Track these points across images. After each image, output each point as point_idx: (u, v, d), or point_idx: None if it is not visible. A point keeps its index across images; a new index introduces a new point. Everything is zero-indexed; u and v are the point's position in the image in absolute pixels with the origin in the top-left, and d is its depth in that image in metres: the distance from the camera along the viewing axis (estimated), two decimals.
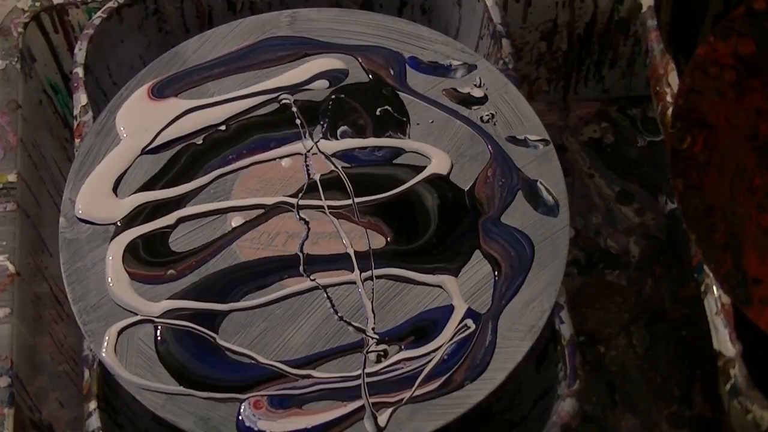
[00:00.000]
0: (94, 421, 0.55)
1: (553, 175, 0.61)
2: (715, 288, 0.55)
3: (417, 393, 0.55)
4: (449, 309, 0.57)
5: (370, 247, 0.59)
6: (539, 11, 0.77)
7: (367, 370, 0.56)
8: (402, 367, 0.56)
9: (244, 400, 0.54)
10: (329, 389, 0.55)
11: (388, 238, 0.60)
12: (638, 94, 0.84)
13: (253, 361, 0.56)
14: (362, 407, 0.55)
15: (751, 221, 0.56)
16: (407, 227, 0.60)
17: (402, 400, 0.55)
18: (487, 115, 0.63)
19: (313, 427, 0.54)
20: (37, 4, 0.70)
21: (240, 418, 0.54)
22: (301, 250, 0.59)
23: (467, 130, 0.63)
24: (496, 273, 0.58)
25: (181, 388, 0.54)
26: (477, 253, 0.59)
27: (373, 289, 0.58)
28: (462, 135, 0.62)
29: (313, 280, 0.58)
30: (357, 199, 0.61)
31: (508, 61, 0.66)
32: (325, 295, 0.58)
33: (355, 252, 0.59)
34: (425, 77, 0.65)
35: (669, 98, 0.61)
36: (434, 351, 0.56)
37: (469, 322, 0.57)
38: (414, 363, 0.56)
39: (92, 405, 0.55)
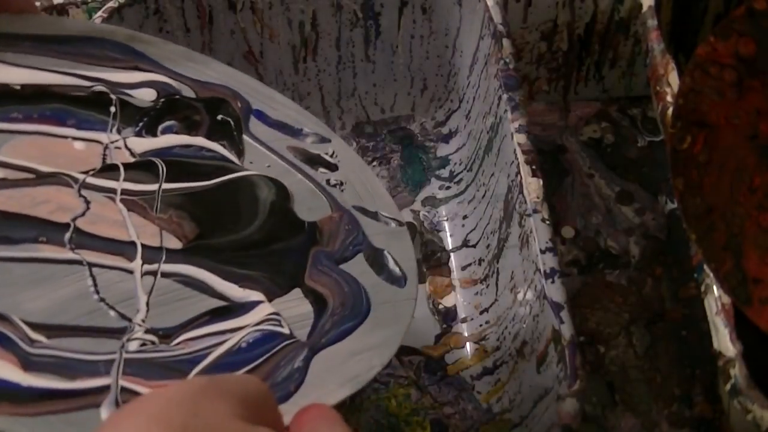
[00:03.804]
0: None
1: (405, 252, 0.54)
2: (715, 288, 0.55)
3: None
4: (253, 302, 0.49)
5: (161, 243, 0.49)
6: (539, 11, 0.78)
7: (131, 347, 0.45)
8: (183, 348, 0.46)
9: None
10: (63, 358, 0.44)
11: (189, 239, 0.50)
12: (638, 94, 0.84)
13: None
14: (105, 389, 0.43)
15: (751, 221, 0.56)
16: (226, 218, 0.51)
17: None
18: (336, 181, 0.56)
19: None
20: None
21: None
22: (73, 221, 0.48)
23: (308, 185, 0.55)
24: (320, 310, 0.50)
25: None
26: (296, 291, 0.50)
27: (153, 286, 0.48)
28: (302, 188, 0.55)
29: (77, 253, 0.47)
30: (167, 185, 0.51)
31: (508, 61, 0.66)
32: (88, 273, 0.47)
33: (143, 245, 0.49)
34: (270, 130, 0.57)
35: (669, 98, 0.61)
36: (235, 331, 0.47)
37: (283, 322, 0.49)
38: (202, 343, 0.46)
39: None
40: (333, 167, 0.57)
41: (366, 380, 0.48)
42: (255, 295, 0.49)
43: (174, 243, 0.50)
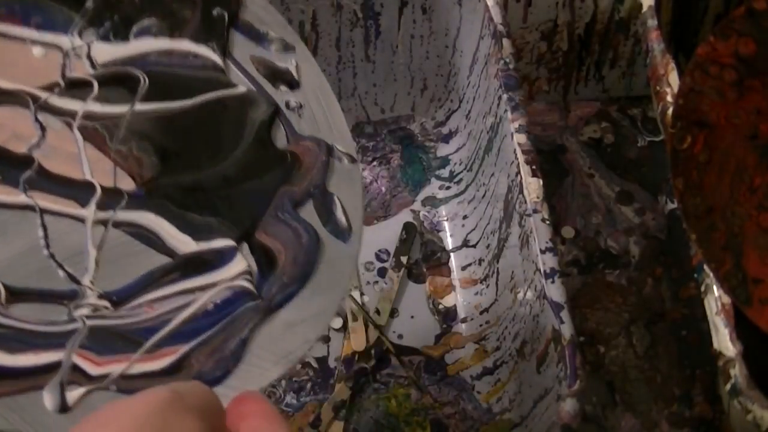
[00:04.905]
0: None
1: (354, 198, 0.50)
2: (715, 288, 0.55)
3: (136, 369, 0.41)
4: (231, 250, 0.45)
5: (114, 182, 0.45)
6: (539, 11, 0.77)
7: (81, 313, 0.41)
8: (147, 312, 0.43)
9: None
10: (10, 328, 0.40)
11: (145, 178, 0.45)
12: (638, 94, 0.84)
13: None
14: (50, 368, 0.40)
15: (751, 221, 0.56)
16: (201, 147, 0.46)
17: (108, 375, 0.41)
18: (295, 104, 0.51)
19: None
20: None
21: None
22: (29, 152, 0.44)
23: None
24: (265, 270, 0.46)
25: None
26: (244, 246, 0.46)
27: (103, 239, 0.44)
28: None
29: (31, 197, 0.43)
30: (140, 107, 0.45)
31: (508, 61, 0.66)
32: (40, 221, 0.43)
33: (102, 187, 0.44)
34: (236, 34, 0.51)
35: (669, 98, 0.61)
36: (205, 288, 0.44)
37: (253, 277, 0.45)
38: (167, 304, 0.43)
39: None
40: (294, 84, 0.51)
41: (299, 357, 0.45)
42: (224, 241, 0.45)
43: (127, 183, 0.45)
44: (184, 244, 0.45)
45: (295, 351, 0.45)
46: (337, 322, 0.71)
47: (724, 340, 0.54)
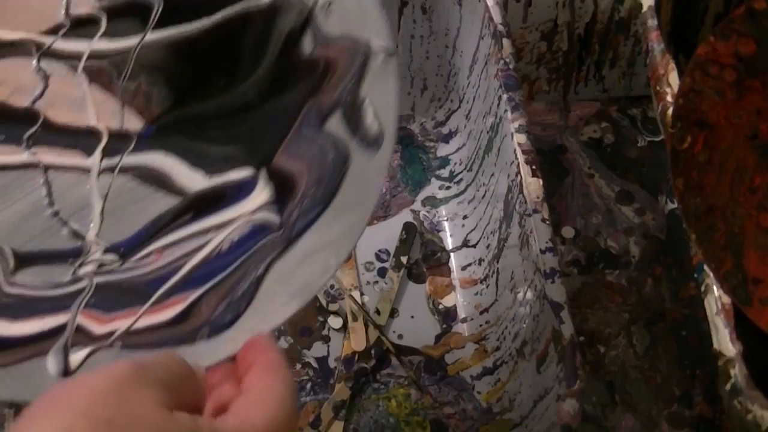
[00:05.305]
0: None
1: (387, 97, 0.44)
2: (715, 288, 0.55)
3: (143, 323, 0.39)
4: (250, 180, 0.41)
5: (122, 124, 0.42)
6: (539, 11, 0.77)
7: (87, 269, 0.40)
8: (156, 261, 0.41)
9: None
10: (12, 296, 0.39)
11: (154, 115, 0.42)
12: (638, 94, 0.84)
13: None
14: (53, 333, 0.39)
15: (751, 221, 0.56)
16: (219, 69, 0.42)
17: (115, 332, 0.39)
18: (324, 0, 0.45)
19: None
20: None
21: None
22: (33, 105, 0.42)
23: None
24: (283, 197, 0.42)
25: None
26: (263, 172, 0.42)
27: (109, 188, 0.42)
28: None
29: (34, 153, 0.42)
30: (152, 35, 0.41)
31: (508, 61, 0.66)
32: (43, 179, 0.42)
33: (109, 131, 0.42)
34: None
35: (669, 98, 0.61)
36: (221, 227, 0.41)
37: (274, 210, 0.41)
38: (178, 250, 0.41)
39: None
40: None
41: (318, 288, 0.41)
42: (242, 171, 0.42)
43: (135, 123, 0.42)
44: (196, 181, 0.42)
45: (314, 282, 0.41)
46: (337, 322, 0.71)
47: (724, 340, 0.54)
